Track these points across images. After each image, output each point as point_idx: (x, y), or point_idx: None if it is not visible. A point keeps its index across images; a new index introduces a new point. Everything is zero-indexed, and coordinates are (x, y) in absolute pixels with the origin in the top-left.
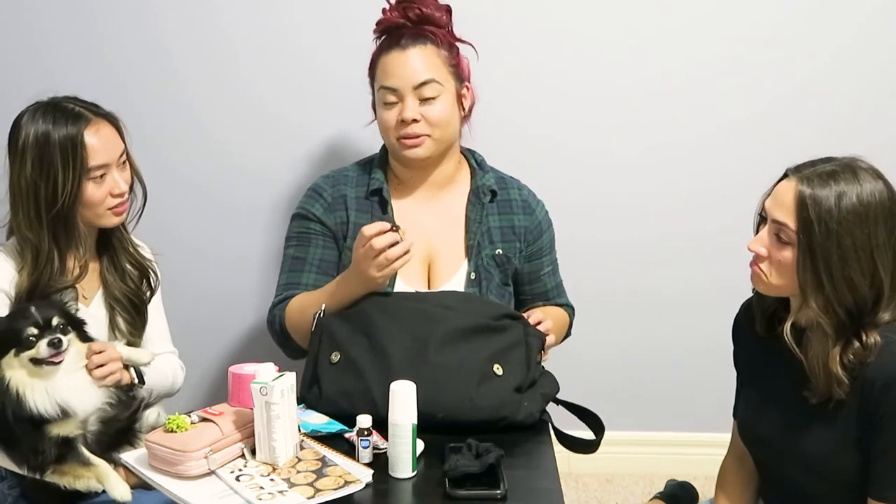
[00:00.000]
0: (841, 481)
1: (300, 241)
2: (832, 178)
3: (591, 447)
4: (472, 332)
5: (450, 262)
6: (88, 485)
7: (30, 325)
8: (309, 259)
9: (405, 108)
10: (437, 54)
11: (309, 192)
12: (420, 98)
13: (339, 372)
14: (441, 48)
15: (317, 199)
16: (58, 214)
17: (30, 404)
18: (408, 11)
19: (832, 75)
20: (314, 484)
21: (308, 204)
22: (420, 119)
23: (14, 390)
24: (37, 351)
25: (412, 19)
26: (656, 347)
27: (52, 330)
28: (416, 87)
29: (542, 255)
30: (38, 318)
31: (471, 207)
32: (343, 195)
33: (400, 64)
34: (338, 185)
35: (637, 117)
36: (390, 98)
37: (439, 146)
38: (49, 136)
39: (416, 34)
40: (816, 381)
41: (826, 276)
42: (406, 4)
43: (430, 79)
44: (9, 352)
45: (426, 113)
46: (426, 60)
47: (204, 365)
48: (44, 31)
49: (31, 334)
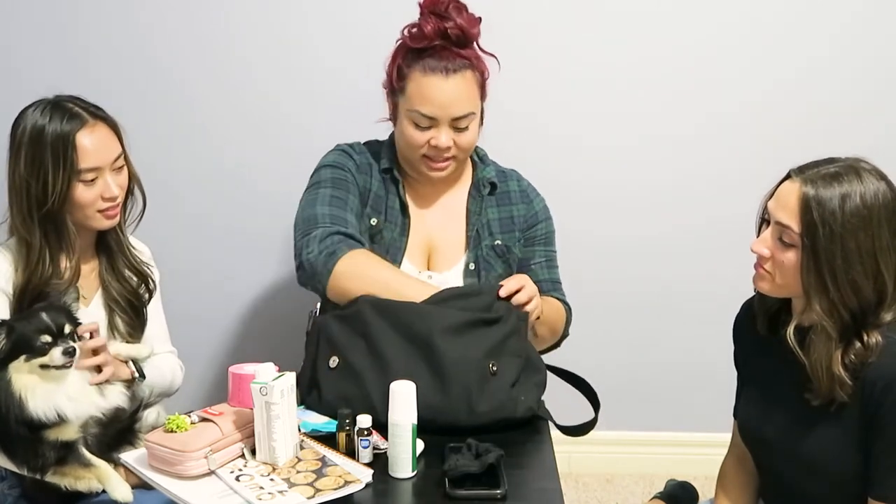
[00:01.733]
0: (841, 481)
1: (337, 185)
2: (836, 179)
3: (590, 426)
4: (467, 326)
5: (450, 253)
6: (89, 486)
7: (43, 333)
8: (349, 203)
9: (440, 135)
10: (475, 81)
11: (338, 150)
12: (454, 127)
13: (337, 377)
14: (476, 72)
15: (348, 157)
16: (48, 213)
17: (31, 408)
18: (447, 28)
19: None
20: (314, 484)
21: (342, 158)
22: (452, 146)
23: (18, 394)
24: (50, 358)
25: (453, 40)
26: (656, 347)
27: (64, 338)
28: (454, 119)
29: (534, 243)
30: (52, 325)
31: (471, 200)
32: (369, 163)
33: (441, 93)
34: (363, 153)
35: (638, 109)
36: (423, 123)
37: (461, 165)
38: (43, 133)
39: (458, 57)
40: (819, 384)
41: (830, 279)
42: (443, 16)
43: (470, 112)
44: (19, 357)
45: (458, 140)
46: (467, 92)
47: (204, 365)
48: (43, 32)
49: (44, 342)
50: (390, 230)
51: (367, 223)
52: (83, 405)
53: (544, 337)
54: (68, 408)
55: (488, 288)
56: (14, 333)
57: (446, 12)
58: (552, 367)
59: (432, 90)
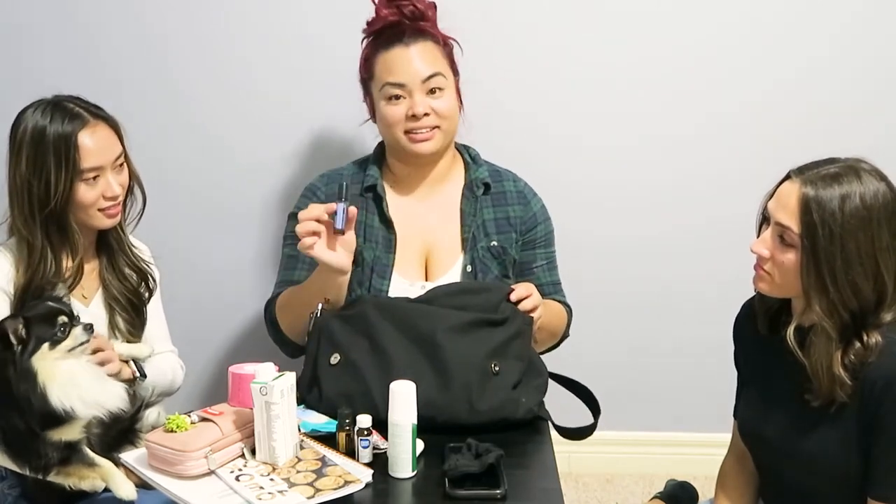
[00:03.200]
0: (842, 482)
1: (294, 240)
2: (835, 180)
3: (589, 431)
4: (472, 326)
5: (446, 255)
6: (93, 485)
7: (58, 315)
8: (301, 257)
9: (415, 102)
10: (438, 49)
11: (304, 191)
12: (427, 91)
13: (338, 373)
14: (438, 44)
15: (310, 197)
16: (51, 213)
17: (53, 400)
18: (402, 8)
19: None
20: (314, 484)
21: (302, 204)
22: (430, 112)
23: (41, 386)
24: (73, 338)
25: (408, 16)
26: (656, 347)
27: (77, 318)
28: (424, 80)
29: (535, 246)
30: (62, 307)
31: (465, 201)
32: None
33: (405, 60)
34: (332, 182)
35: (638, 109)
36: (397, 93)
37: (446, 138)
38: (44, 134)
39: (416, 30)
40: (819, 385)
41: (830, 280)
42: (398, 2)
43: (437, 72)
44: (41, 347)
45: (435, 106)
46: (430, 55)
47: (203, 365)
48: (43, 32)
49: (63, 323)
50: (370, 250)
51: None
52: (91, 408)
53: (544, 340)
54: (79, 407)
55: (496, 286)
56: (32, 325)
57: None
58: (553, 375)
59: (395, 59)
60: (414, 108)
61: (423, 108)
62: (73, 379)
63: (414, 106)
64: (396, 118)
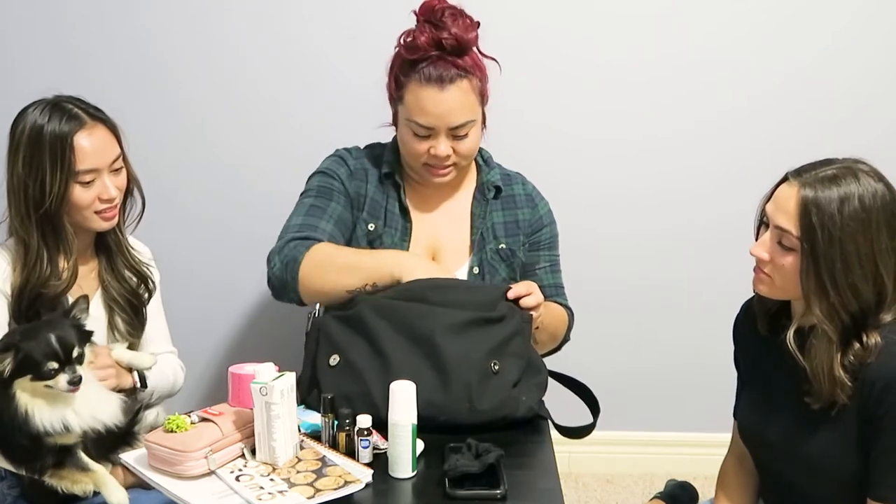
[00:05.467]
0: (841, 482)
1: (321, 193)
2: (834, 182)
3: (588, 430)
4: (469, 325)
5: (454, 256)
6: (85, 489)
7: (51, 360)
8: (329, 211)
9: (438, 144)
10: (472, 88)
11: (334, 156)
12: (453, 136)
13: (338, 375)
14: (474, 79)
15: (342, 164)
16: (45, 214)
17: (37, 421)
18: (442, 39)
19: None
20: (314, 484)
21: (334, 165)
22: (452, 154)
23: (24, 408)
24: (56, 384)
25: (448, 50)
26: (656, 347)
27: (71, 364)
28: (452, 128)
29: (539, 248)
30: (59, 350)
31: (475, 203)
32: (365, 168)
33: (437, 103)
34: (360, 158)
35: (639, 109)
36: (421, 132)
37: (463, 170)
38: (41, 134)
39: (454, 67)
40: (820, 387)
41: (830, 284)
42: (437, 26)
43: (468, 120)
44: (24, 375)
45: (458, 147)
46: (464, 101)
47: (204, 365)
48: (43, 32)
49: (51, 368)
50: (390, 235)
51: (365, 228)
52: (87, 419)
53: (545, 343)
54: (73, 420)
55: (494, 286)
56: (20, 354)
57: (441, 20)
58: (552, 373)
59: (428, 102)
60: (437, 149)
61: (447, 151)
62: (54, 404)
63: (437, 147)
64: (418, 152)
